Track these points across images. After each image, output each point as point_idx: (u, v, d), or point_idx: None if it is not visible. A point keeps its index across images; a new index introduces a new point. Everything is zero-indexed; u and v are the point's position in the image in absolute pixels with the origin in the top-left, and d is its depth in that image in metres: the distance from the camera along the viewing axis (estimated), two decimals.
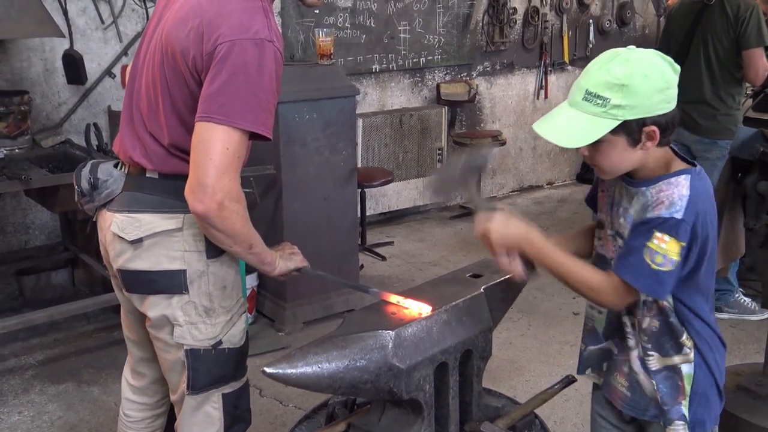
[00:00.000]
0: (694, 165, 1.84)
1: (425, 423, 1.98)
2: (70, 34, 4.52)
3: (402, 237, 5.97)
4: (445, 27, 6.35)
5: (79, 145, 4.28)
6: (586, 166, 7.49)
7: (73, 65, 4.45)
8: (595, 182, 2.09)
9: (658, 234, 1.72)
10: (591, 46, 7.43)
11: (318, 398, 2.43)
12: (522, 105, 7.12)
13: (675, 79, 1.75)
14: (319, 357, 1.84)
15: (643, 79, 1.70)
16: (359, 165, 5.48)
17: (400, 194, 6.22)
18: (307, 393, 3.13)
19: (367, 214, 5.73)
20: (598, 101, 1.72)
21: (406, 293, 2.13)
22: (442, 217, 6.46)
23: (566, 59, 7.29)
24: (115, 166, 2.16)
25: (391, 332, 1.88)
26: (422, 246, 5.77)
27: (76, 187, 2.16)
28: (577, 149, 1.80)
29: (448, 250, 5.66)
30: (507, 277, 2.26)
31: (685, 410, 1.87)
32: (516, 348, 4.11)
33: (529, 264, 1.96)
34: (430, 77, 6.41)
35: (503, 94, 6.94)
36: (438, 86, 6.39)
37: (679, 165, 1.83)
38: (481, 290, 2.16)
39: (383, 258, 5.47)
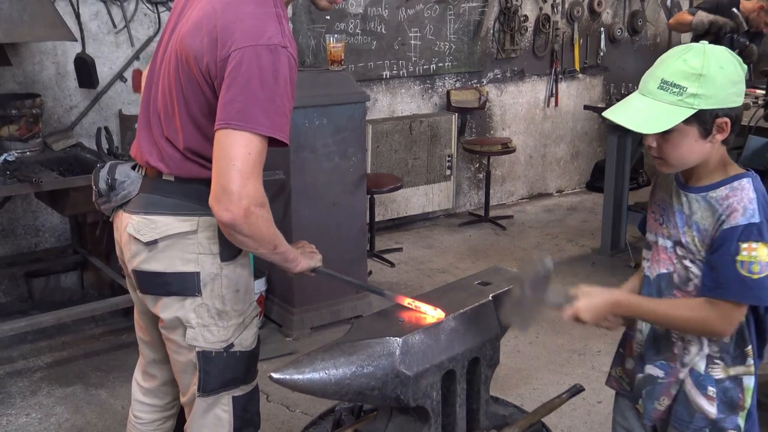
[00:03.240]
0: (748, 170, 1.84)
1: (432, 430, 1.98)
2: (83, 38, 4.54)
3: (411, 243, 5.97)
4: (456, 34, 6.35)
5: (90, 149, 4.29)
6: (596, 175, 7.47)
7: (85, 69, 4.47)
8: (648, 206, 2.08)
9: (744, 245, 1.72)
10: (602, 54, 7.41)
11: (325, 404, 2.43)
12: (532, 113, 7.11)
13: (744, 75, 1.78)
14: (326, 363, 1.84)
15: (719, 70, 1.73)
16: (368, 171, 5.48)
17: (409, 201, 6.22)
18: (314, 399, 3.12)
19: (376, 220, 5.73)
20: (675, 90, 1.74)
21: (416, 299, 2.13)
22: (451, 224, 6.46)
23: (577, 67, 7.28)
24: (133, 168, 2.18)
25: (398, 339, 1.88)
26: (431, 253, 5.76)
27: (94, 187, 2.18)
28: (646, 138, 1.81)
29: (457, 257, 5.65)
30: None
31: (741, 421, 1.86)
32: (524, 356, 4.09)
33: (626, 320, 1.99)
34: (440, 84, 6.41)
35: (513, 101, 6.93)
36: (448, 93, 6.39)
37: (735, 168, 1.84)
38: (489, 298, 2.16)
39: (392, 264, 5.46)
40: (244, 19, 1.88)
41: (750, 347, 1.86)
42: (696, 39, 5.80)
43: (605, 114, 1.86)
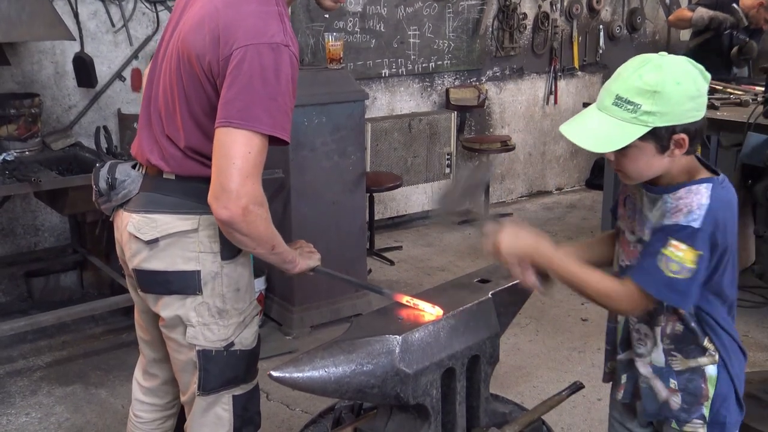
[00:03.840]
0: (717, 174, 1.82)
1: (432, 428, 1.98)
2: (81, 37, 4.54)
3: (410, 242, 5.97)
4: (455, 32, 6.34)
5: (89, 148, 4.29)
6: (596, 172, 7.47)
7: (84, 68, 4.47)
8: (618, 191, 2.08)
9: (674, 242, 1.71)
10: (601, 51, 7.41)
11: (325, 402, 2.43)
12: (531, 110, 7.11)
13: (706, 87, 1.74)
14: (325, 361, 1.84)
15: (675, 86, 1.69)
16: (368, 169, 5.48)
17: (408, 199, 6.22)
18: (314, 397, 3.12)
19: (376, 218, 5.73)
20: (629, 107, 1.71)
21: (415, 297, 2.13)
22: (451, 222, 6.45)
23: (576, 65, 7.28)
24: (133, 167, 2.18)
25: (398, 337, 1.88)
26: (430, 251, 5.76)
27: (94, 186, 2.18)
28: (603, 154, 1.79)
29: (456, 255, 5.65)
30: (515, 282, 2.26)
31: (705, 411, 1.87)
32: (524, 354, 4.09)
33: (545, 275, 1.95)
34: (439, 82, 6.41)
35: (513, 99, 6.93)
36: (447, 91, 6.38)
37: (702, 174, 1.82)
38: (489, 295, 2.16)
39: (391, 262, 5.46)
40: (246, 17, 1.88)
41: (707, 341, 1.85)
42: (696, 35, 5.80)
43: (561, 129, 1.84)
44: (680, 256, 1.70)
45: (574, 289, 1.86)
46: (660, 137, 1.72)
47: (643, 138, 1.71)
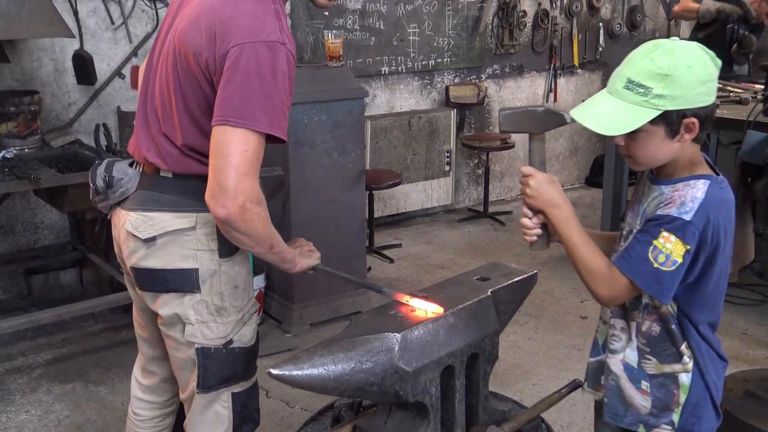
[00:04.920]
0: (717, 174, 1.82)
1: (431, 426, 1.98)
2: (81, 34, 4.53)
3: (410, 239, 5.97)
4: (455, 29, 6.34)
5: (88, 146, 4.29)
6: (595, 170, 7.47)
7: (83, 66, 4.47)
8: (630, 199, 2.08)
9: (665, 233, 1.71)
10: (601, 49, 7.41)
11: (324, 400, 2.43)
12: None
13: (716, 72, 1.75)
14: (325, 359, 1.84)
15: (686, 70, 1.69)
16: (367, 167, 5.48)
17: (408, 196, 6.22)
18: (314, 395, 3.13)
19: (375, 216, 5.73)
20: (640, 90, 1.71)
21: (415, 295, 2.13)
22: (450, 220, 6.46)
23: (576, 63, 7.28)
24: (131, 165, 2.17)
25: (397, 335, 1.88)
26: (430, 248, 5.76)
27: (92, 184, 2.17)
28: (612, 138, 1.79)
29: (456, 252, 5.65)
30: (515, 280, 2.26)
31: (675, 417, 1.86)
32: (523, 351, 4.10)
33: (545, 236, 1.97)
34: (439, 80, 6.41)
35: (512, 97, 6.93)
36: (447, 89, 6.38)
37: (704, 169, 1.82)
38: (488, 293, 2.16)
39: (391, 260, 5.47)
40: (242, 15, 1.88)
41: (684, 346, 1.84)
42: (699, 28, 5.76)
43: (572, 113, 1.84)
44: (669, 248, 1.70)
45: (569, 255, 1.87)
46: (670, 121, 1.72)
47: (653, 122, 1.72)
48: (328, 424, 2.27)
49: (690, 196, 1.73)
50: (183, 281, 2.04)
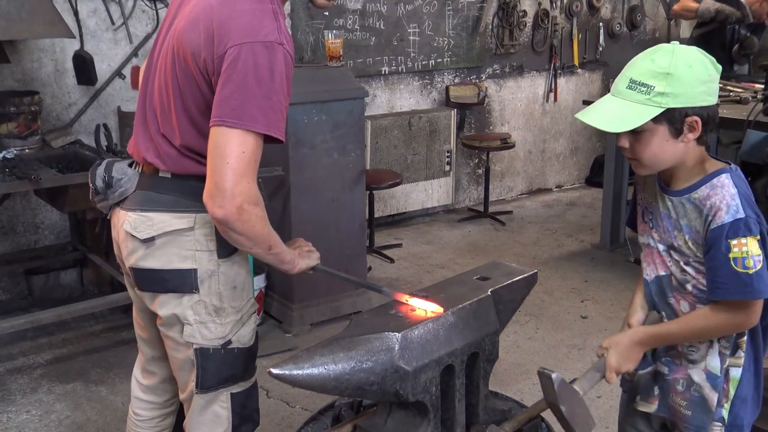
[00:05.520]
0: (728, 164, 1.85)
1: (431, 425, 1.98)
2: (81, 35, 4.54)
3: (410, 239, 5.97)
4: (455, 29, 6.34)
5: (88, 146, 4.29)
6: (596, 170, 7.47)
7: (84, 66, 4.47)
8: (633, 204, 2.07)
9: (733, 241, 1.72)
10: (601, 49, 7.41)
11: (324, 400, 2.43)
12: (531, 108, 7.11)
13: (717, 75, 1.78)
14: (325, 358, 1.84)
15: (687, 68, 1.73)
16: (368, 167, 5.48)
17: (408, 196, 6.22)
18: (314, 394, 3.13)
19: (375, 216, 5.73)
20: (642, 89, 1.75)
21: (415, 295, 2.13)
22: (451, 220, 6.46)
23: (576, 62, 7.28)
24: (130, 165, 2.17)
25: (397, 334, 1.89)
26: (430, 248, 5.76)
27: (91, 185, 2.17)
28: (617, 140, 1.82)
29: (456, 252, 5.65)
30: (514, 279, 2.27)
31: (725, 413, 1.87)
32: (523, 351, 4.10)
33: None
34: (439, 79, 6.41)
35: (513, 96, 6.93)
36: (447, 89, 6.38)
37: (714, 164, 1.84)
38: (488, 293, 2.16)
39: (391, 260, 5.47)
40: (240, 15, 1.88)
41: (744, 338, 1.86)
42: (700, 27, 5.75)
43: (577, 115, 1.87)
44: (747, 251, 1.72)
45: (691, 341, 1.89)
46: (673, 119, 1.75)
47: (656, 120, 1.74)
48: (329, 424, 2.27)
49: (728, 195, 1.76)
50: (181, 281, 2.04)
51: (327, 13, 5.59)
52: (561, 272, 5.07)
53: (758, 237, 1.73)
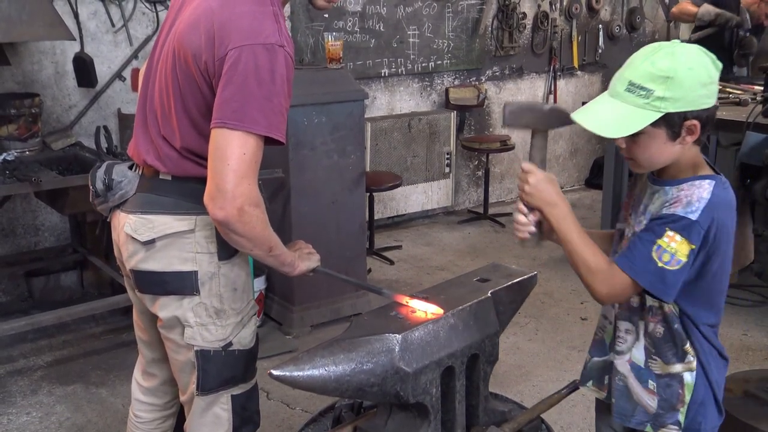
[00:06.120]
0: (719, 174, 1.83)
1: (432, 427, 1.99)
2: (81, 37, 4.54)
3: (410, 241, 5.97)
4: (455, 32, 6.35)
5: (89, 148, 4.29)
6: (595, 171, 7.48)
7: (84, 68, 4.47)
8: (624, 199, 2.07)
9: (669, 232, 1.71)
10: (600, 51, 7.42)
11: (325, 401, 2.43)
12: None
13: (717, 75, 1.76)
14: (325, 360, 1.84)
15: (687, 72, 1.70)
16: (367, 169, 5.48)
17: (408, 198, 6.22)
18: (315, 396, 3.13)
19: (375, 217, 5.73)
20: (642, 92, 1.71)
21: (415, 296, 2.13)
22: (450, 222, 6.46)
23: (575, 64, 7.28)
24: (130, 167, 2.17)
25: (398, 336, 1.89)
26: (430, 250, 5.77)
27: (91, 187, 2.17)
28: (614, 140, 1.79)
29: (456, 254, 5.65)
30: (514, 281, 2.27)
31: (681, 417, 1.86)
32: (523, 353, 4.10)
33: (537, 234, 1.96)
34: (439, 82, 6.42)
35: (512, 98, 6.92)
36: (447, 91, 6.39)
37: (706, 170, 1.82)
38: (489, 294, 2.16)
39: (391, 262, 5.47)
40: (241, 17, 1.88)
41: (688, 345, 1.84)
42: (699, 30, 5.76)
43: (573, 116, 1.84)
44: (674, 248, 1.70)
45: (566, 252, 1.86)
46: (672, 123, 1.73)
47: (655, 124, 1.72)
48: (329, 425, 2.27)
49: (696, 195, 1.73)
50: (182, 284, 2.04)
51: (327, 15, 5.59)
52: (561, 274, 5.07)
53: (694, 246, 1.70)
